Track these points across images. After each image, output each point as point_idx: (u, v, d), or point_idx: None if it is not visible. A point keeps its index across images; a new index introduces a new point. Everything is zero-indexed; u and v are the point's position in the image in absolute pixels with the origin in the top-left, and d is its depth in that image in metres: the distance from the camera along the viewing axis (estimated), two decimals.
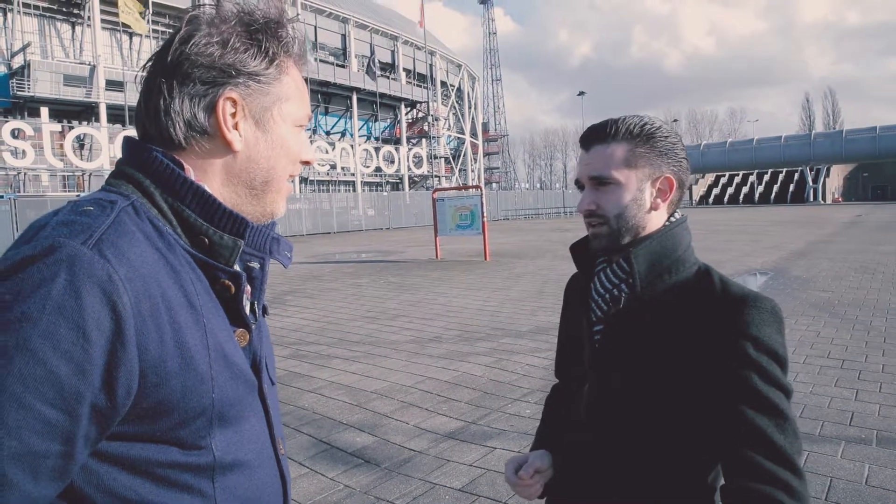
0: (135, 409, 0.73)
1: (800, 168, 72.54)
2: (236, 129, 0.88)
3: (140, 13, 32.47)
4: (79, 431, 0.68)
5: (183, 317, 0.77)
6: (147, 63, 0.88)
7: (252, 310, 0.93)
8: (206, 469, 0.81)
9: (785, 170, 75.67)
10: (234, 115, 0.87)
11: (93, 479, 0.73)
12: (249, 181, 0.91)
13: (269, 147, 0.90)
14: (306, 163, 0.98)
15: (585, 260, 1.31)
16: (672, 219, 1.23)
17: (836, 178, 76.49)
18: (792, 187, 73.90)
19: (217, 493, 0.82)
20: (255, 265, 0.92)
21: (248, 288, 0.92)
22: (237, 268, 0.89)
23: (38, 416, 0.65)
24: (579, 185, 1.25)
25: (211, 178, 0.88)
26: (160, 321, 0.73)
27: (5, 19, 32.93)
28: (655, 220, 1.20)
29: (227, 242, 0.85)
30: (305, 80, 1.00)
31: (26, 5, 32.50)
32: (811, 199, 69.93)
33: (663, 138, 1.19)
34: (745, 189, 78.73)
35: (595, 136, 1.21)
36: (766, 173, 77.84)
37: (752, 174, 78.29)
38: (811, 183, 70.65)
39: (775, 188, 75.81)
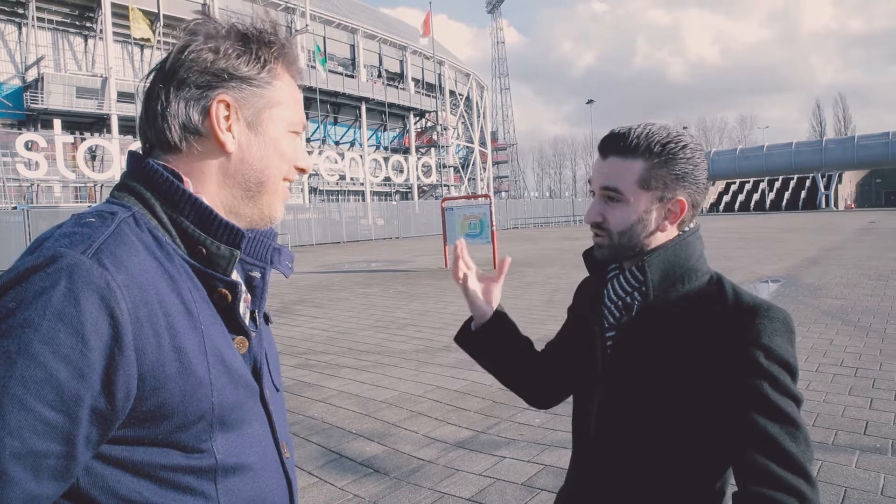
0: (135, 412, 0.75)
1: (811, 175, 72.10)
2: (229, 130, 0.91)
3: (148, 25, 32.77)
4: (79, 433, 0.70)
5: (180, 323, 0.79)
6: (149, 74, 0.92)
7: (253, 318, 0.95)
8: (208, 472, 0.83)
9: (796, 176, 75.23)
10: (227, 117, 0.90)
11: (98, 482, 0.75)
12: (244, 182, 0.93)
13: (261, 149, 0.93)
14: (302, 170, 1.00)
15: (598, 266, 1.30)
16: (686, 228, 1.22)
17: (848, 184, 75.99)
18: (803, 194, 73.44)
19: (220, 495, 0.84)
20: (257, 274, 0.95)
21: (249, 296, 0.95)
22: (235, 277, 0.91)
23: (39, 417, 0.67)
24: (591, 188, 1.24)
25: (207, 179, 0.91)
26: (158, 327, 0.76)
27: (20, 33, 33.44)
28: (660, 239, 1.19)
29: (224, 252, 0.88)
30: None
31: (40, 19, 33.00)
32: (823, 205, 69.44)
33: (685, 160, 1.14)
34: (755, 196, 78.32)
35: (614, 146, 1.17)
36: (777, 180, 77.43)
37: (762, 181, 77.90)
38: (823, 189, 70.18)
39: (786, 195, 75.37)
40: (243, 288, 0.93)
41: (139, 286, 0.75)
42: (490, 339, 1.43)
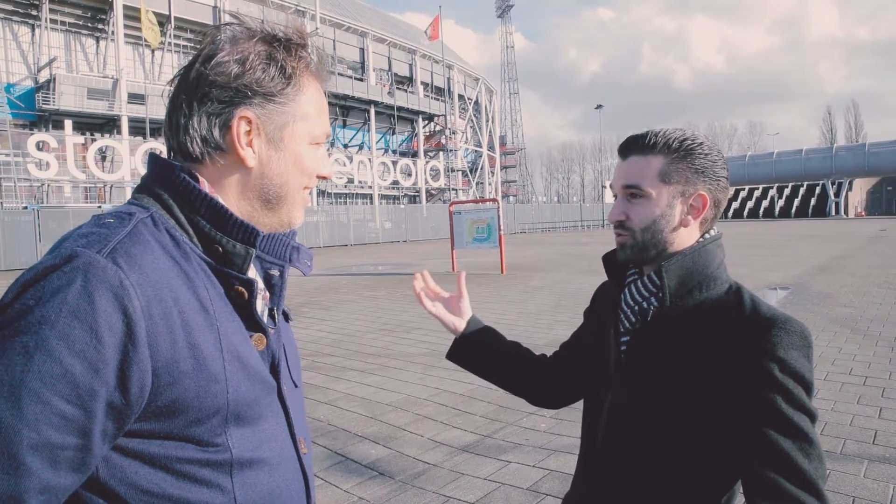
0: (150, 406, 0.77)
1: (821, 182, 71.76)
2: (250, 146, 0.91)
3: (155, 30, 32.77)
4: (95, 426, 0.73)
5: (195, 320, 0.81)
6: (174, 79, 0.93)
7: (272, 315, 0.97)
8: (223, 465, 0.85)
9: (806, 183, 74.87)
10: (248, 132, 0.91)
11: (117, 473, 0.78)
12: (263, 195, 0.94)
13: (281, 164, 0.94)
14: (323, 177, 1.01)
15: (617, 270, 1.30)
16: (707, 235, 1.22)
17: (858, 191, 75.59)
18: (813, 201, 73.07)
19: (236, 488, 0.86)
20: (275, 272, 0.97)
21: (267, 294, 0.96)
22: (251, 275, 0.92)
23: (55, 410, 0.70)
24: (613, 191, 1.25)
25: (227, 191, 0.93)
26: (172, 324, 0.78)
27: (33, 35, 33.73)
28: (684, 237, 1.19)
29: (239, 251, 0.89)
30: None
31: (53, 21, 33.30)
32: (833, 213, 69.08)
33: (703, 155, 1.17)
34: (765, 203, 77.97)
35: (633, 146, 1.20)
36: (787, 187, 77.08)
37: (772, 188, 77.59)
38: (833, 197, 69.84)
39: (796, 202, 74.99)
40: (260, 285, 0.94)
41: (153, 284, 0.77)
42: (473, 346, 1.49)
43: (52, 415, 0.70)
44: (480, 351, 1.50)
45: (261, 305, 0.93)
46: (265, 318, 0.94)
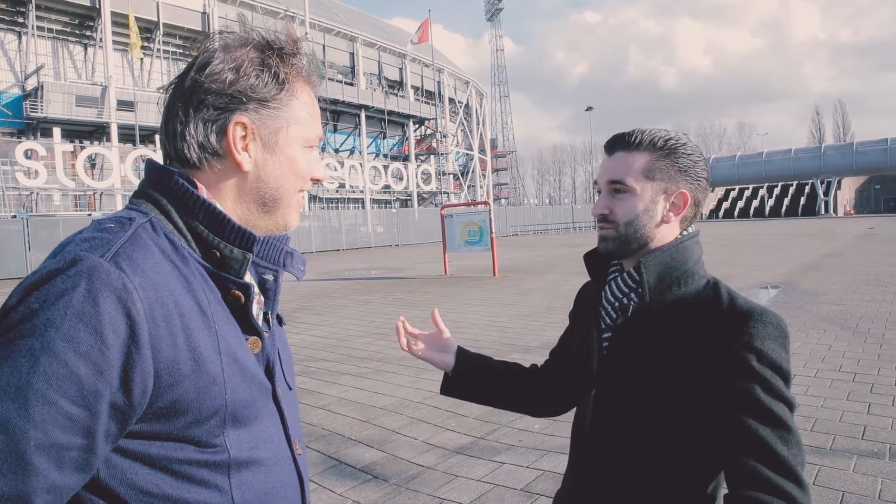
0: (151, 407, 0.79)
1: (810, 181, 72.27)
2: (246, 150, 0.93)
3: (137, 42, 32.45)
4: (99, 427, 0.74)
5: (195, 323, 0.82)
6: (168, 87, 0.95)
7: (266, 319, 0.98)
8: (221, 466, 0.86)
9: (795, 183, 75.41)
10: (244, 137, 0.93)
11: (117, 474, 0.79)
12: (260, 198, 0.96)
13: (277, 167, 0.96)
14: (317, 180, 1.03)
15: (598, 269, 1.33)
16: (685, 232, 1.25)
17: (847, 190, 76.11)
18: (803, 200, 73.58)
19: (233, 488, 0.87)
20: (270, 277, 0.98)
21: (262, 298, 0.98)
22: (247, 279, 0.94)
23: (61, 411, 0.71)
24: (597, 187, 1.27)
25: (224, 195, 0.94)
26: (173, 326, 0.79)
27: (20, 42, 33.52)
28: (665, 234, 1.22)
29: (237, 255, 0.91)
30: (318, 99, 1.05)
31: (40, 28, 33.10)
32: (822, 211, 69.56)
33: (686, 155, 1.20)
34: (755, 202, 78.44)
35: (619, 143, 1.23)
36: (777, 186, 77.60)
37: (762, 187, 78.07)
38: (822, 196, 70.34)
39: (786, 201, 75.50)
40: (256, 290, 0.96)
41: (154, 288, 0.79)
42: (467, 379, 1.53)
43: (58, 415, 0.71)
44: (473, 381, 1.53)
45: (256, 309, 0.95)
46: (260, 322, 0.95)
